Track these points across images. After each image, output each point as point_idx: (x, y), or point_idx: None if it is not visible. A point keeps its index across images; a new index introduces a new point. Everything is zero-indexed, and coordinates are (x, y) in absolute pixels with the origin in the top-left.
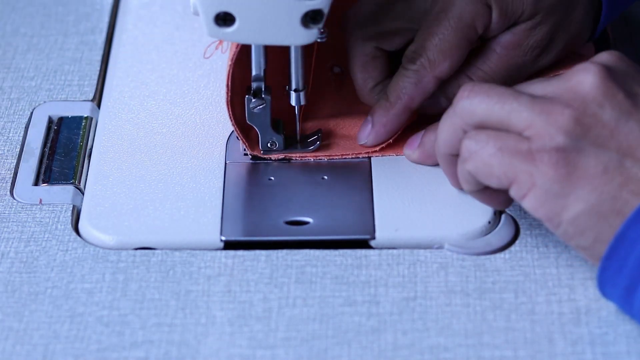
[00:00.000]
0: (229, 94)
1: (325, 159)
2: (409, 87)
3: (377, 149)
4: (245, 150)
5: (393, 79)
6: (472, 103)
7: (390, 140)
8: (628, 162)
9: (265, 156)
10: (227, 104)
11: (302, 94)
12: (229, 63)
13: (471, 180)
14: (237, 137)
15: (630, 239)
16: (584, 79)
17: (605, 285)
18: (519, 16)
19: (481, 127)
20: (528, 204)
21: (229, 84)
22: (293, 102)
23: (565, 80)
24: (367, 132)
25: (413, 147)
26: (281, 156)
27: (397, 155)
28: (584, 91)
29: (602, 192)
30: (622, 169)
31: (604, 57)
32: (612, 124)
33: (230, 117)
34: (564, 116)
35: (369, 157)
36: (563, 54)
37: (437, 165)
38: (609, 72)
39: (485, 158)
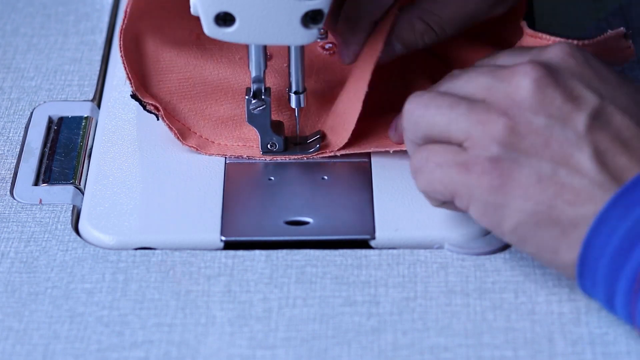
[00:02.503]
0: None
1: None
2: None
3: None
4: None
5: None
6: (415, 116)
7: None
8: (562, 171)
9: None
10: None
11: (302, 97)
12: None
13: (427, 197)
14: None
15: (592, 257)
16: (521, 83)
17: (591, 297)
18: None
19: (427, 139)
20: (472, 214)
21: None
22: (293, 105)
23: (506, 84)
24: (345, 52)
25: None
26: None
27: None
28: (520, 98)
29: (537, 201)
30: (556, 179)
31: (553, 52)
32: (546, 132)
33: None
34: (498, 125)
35: (369, 157)
36: (518, 3)
37: None
38: (549, 75)
39: (427, 175)
